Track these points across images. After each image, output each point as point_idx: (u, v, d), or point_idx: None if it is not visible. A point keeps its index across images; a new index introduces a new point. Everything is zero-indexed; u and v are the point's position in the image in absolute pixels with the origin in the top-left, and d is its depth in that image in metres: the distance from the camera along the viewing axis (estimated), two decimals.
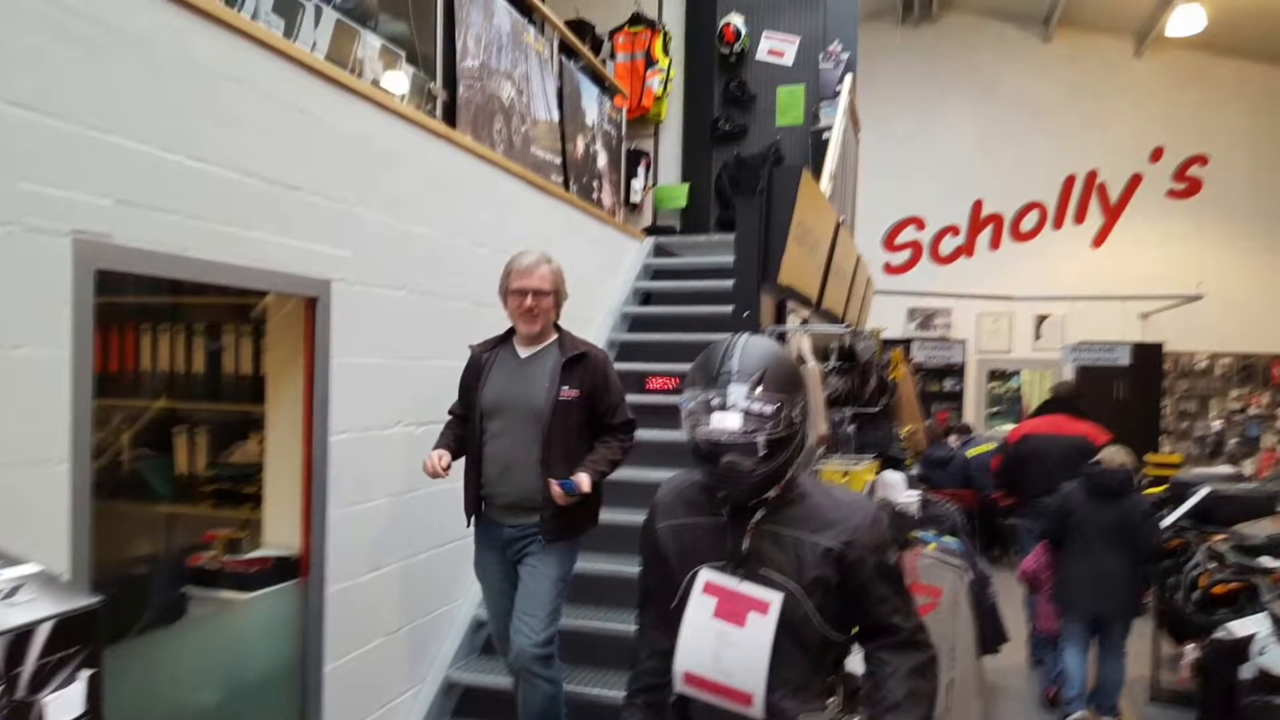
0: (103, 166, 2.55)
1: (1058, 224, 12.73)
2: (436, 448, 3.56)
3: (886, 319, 11.85)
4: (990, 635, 4.83)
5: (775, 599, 1.94)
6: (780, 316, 4.70)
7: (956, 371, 12.85)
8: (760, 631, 1.93)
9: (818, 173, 5.66)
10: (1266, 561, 4.66)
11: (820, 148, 6.85)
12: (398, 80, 4.26)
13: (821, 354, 5.26)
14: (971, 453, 9.43)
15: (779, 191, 4.35)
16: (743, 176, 7.81)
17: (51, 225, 2.41)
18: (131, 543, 3.79)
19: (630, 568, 4.27)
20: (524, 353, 3.61)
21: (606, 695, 4.00)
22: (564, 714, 3.63)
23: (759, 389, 1.90)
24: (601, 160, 6.70)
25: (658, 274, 7.03)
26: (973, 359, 12.93)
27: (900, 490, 5.05)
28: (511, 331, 3.67)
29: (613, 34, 7.92)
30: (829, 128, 6.77)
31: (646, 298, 6.82)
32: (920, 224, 13.20)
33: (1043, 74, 12.64)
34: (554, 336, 3.63)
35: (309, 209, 3.36)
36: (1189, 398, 12.34)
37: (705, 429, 1.92)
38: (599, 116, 6.68)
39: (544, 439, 3.45)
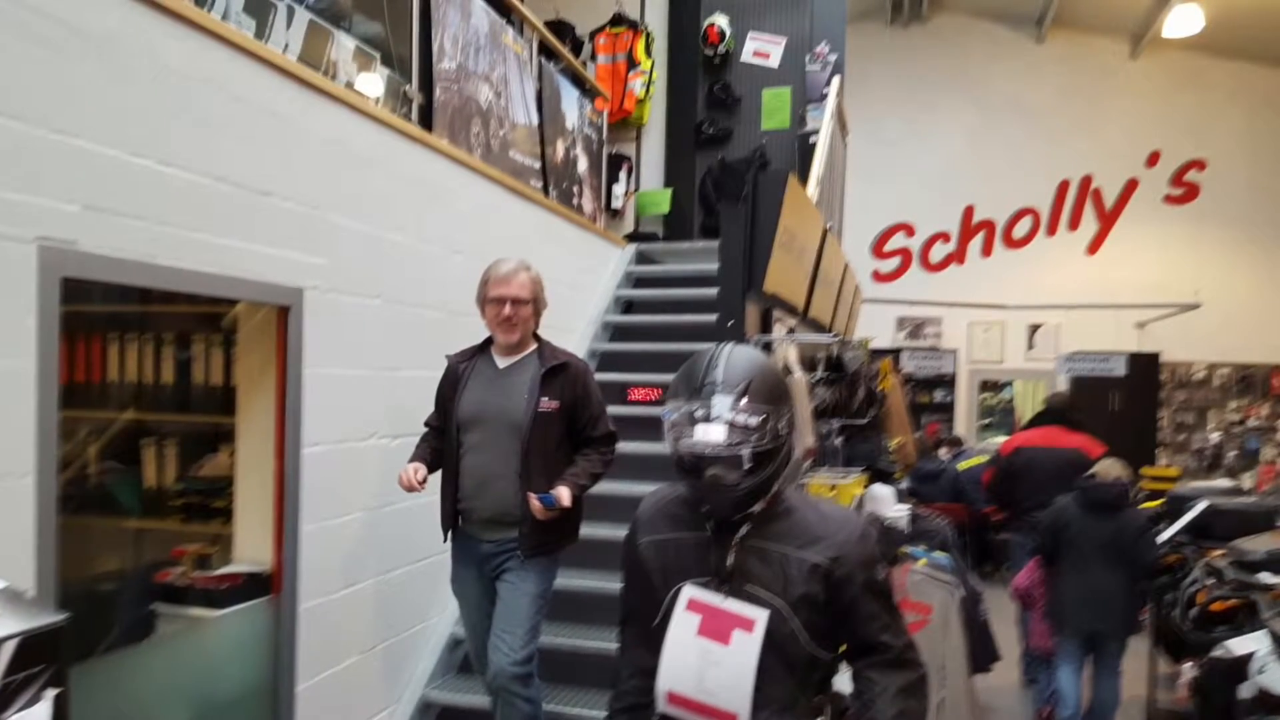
0: (68, 171, 2.52)
1: (1051, 230, 12.69)
2: (412, 460, 3.54)
3: (875, 328, 11.76)
4: (982, 653, 4.78)
5: (761, 616, 1.93)
6: (766, 325, 4.65)
7: (947, 382, 12.80)
8: (745, 650, 1.91)
9: (804, 178, 5.63)
10: (1266, 578, 4.60)
11: (807, 152, 6.78)
12: (372, 83, 4.25)
13: (808, 364, 5.22)
14: (963, 466, 9.41)
15: (764, 197, 4.31)
16: (727, 181, 7.75)
17: (15, 231, 2.37)
18: (98, 558, 3.72)
19: (612, 584, 4.20)
20: (502, 363, 3.57)
21: (587, 715, 3.97)
22: None
23: (744, 400, 1.88)
24: (582, 165, 6.67)
25: (640, 282, 6.98)
26: (964, 369, 12.89)
27: (889, 504, 5.02)
28: (489, 341, 3.63)
29: (593, 35, 7.86)
30: (816, 131, 6.74)
31: (628, 306, 6.78)
32: (910, 230, 13.15)
33: (1036, 76, 12.60)
34: (533, 346, 3.60)
35: (281, 215, 3.32)
36: (1186, 409, 12.32)
37: (689, 441, 1.90)
38: (579, 120, 6.65)
39: (523, 451, 3.41)
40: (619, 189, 7.54)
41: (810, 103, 7.53)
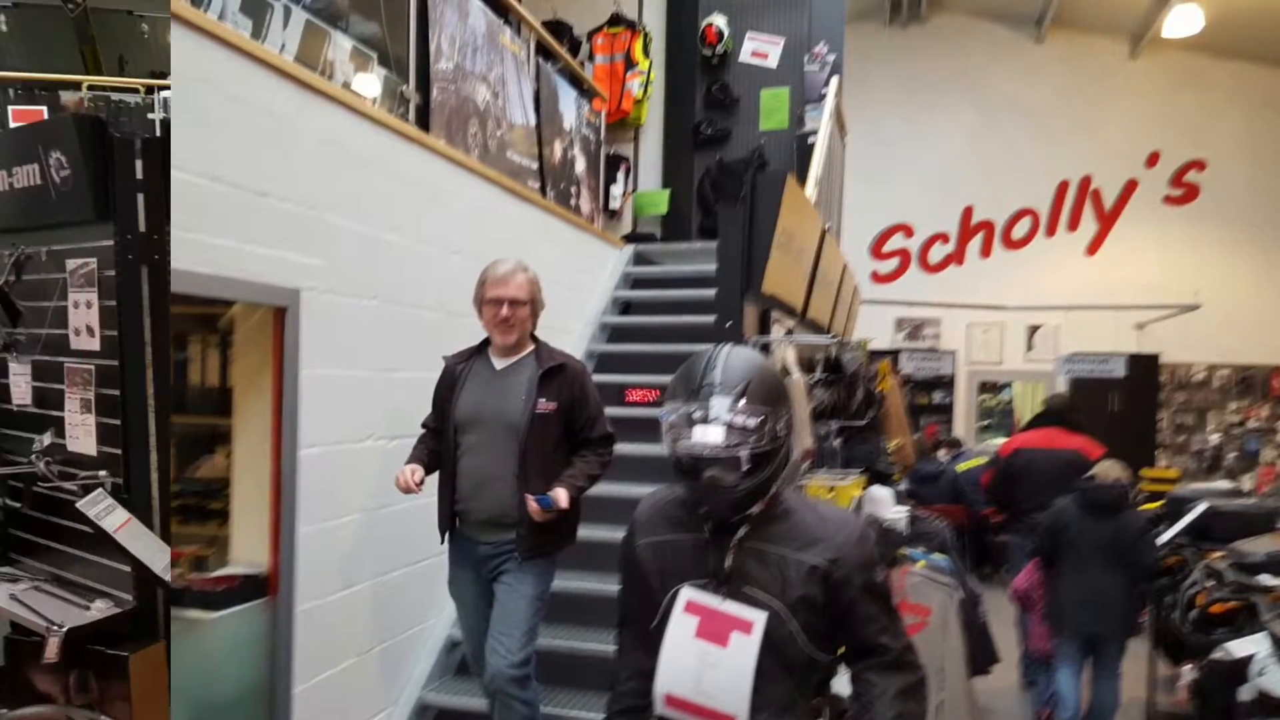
0: None
1: (1050, 231, 12.64)
2: (409, 462, 3.50)
3: (874, 329, 11.68)
4: (981, 656, 4.77)
5: (759, 618, 1.91)
6: (764, 327, 4.64)
7: (946, 383, 12.76)
8: (744, 652, 1.90)
9: (803, 178, 5.62)
10: (1266, 579, 4.59)
11: (805, 153, 6.77)
12: (369, 83, 4.25)
13: (807, 365, 5.21)
14: (961, 467, 9.38)
15: (763, 198, 4.31)
16: (725, 182, 7.73)
17: None
18: None
19: (609, 586, 4.15)
20: (500, 364, 3.54)
21: (585, 717, 3.95)
22: None
23: (742, 401, 1.87)
24: (580, 165, 6.65)
25: (638, 283, 6.97)
26: (963, 370, 12.85)
27: (888, 506, 5.00)
28: (487, 342, 3.61)
29: (591, 35, 7.87)
30: (814, 132, 6.73)
31: (626, 307, 6.76)
32: (909, 231, 13.10)
33: (1035, 76, 12.52)
34: (531, 347, 3.58)
35: (278, 215, 3.30)
36: (1186, 410, 12.28)
37: (687, 443, 1.89)
38: (577, 120, 6.64)
39: (520, 453, 3.39)
40: (617, 189, 7.53)
41: (809, 103, 7.51)
